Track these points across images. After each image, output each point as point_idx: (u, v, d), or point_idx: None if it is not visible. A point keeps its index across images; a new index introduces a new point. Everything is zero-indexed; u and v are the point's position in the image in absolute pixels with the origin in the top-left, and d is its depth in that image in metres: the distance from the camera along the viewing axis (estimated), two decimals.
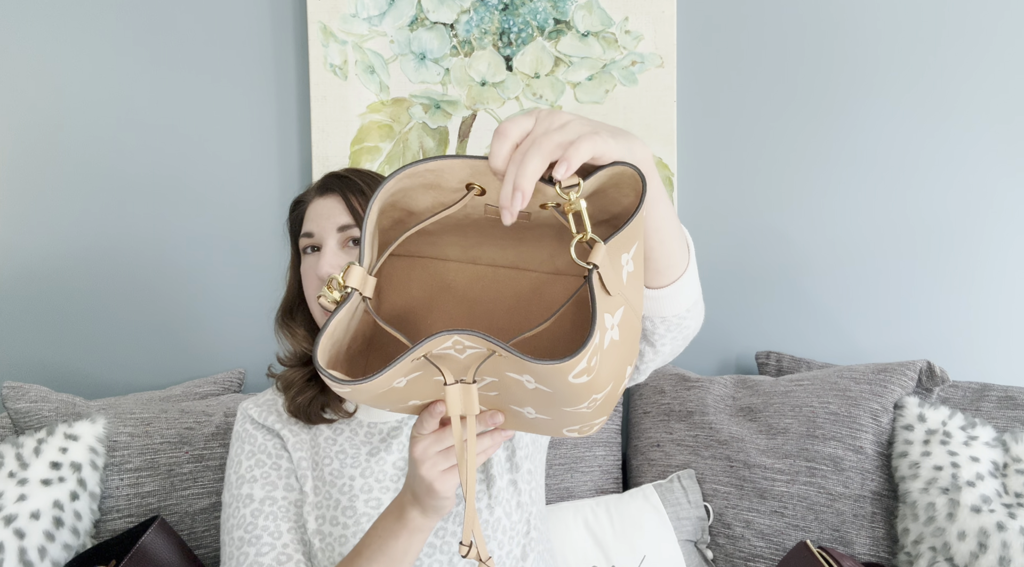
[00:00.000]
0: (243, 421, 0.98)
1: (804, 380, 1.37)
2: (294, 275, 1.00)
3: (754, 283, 1.56)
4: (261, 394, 1.01)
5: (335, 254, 0.90)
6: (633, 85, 1.50)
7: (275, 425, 0.96)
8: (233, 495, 0.92)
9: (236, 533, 0.89)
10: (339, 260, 0.90)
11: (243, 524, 0.89)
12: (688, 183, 1.54)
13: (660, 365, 0.83)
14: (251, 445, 0.95)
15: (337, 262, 0.90)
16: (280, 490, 0.92)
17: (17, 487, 1.03)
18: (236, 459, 0.95)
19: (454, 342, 0.54)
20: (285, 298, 1.01)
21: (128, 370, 1.51)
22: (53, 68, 1.48)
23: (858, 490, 1.25)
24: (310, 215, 0.95)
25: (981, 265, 1.54)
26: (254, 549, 0.87)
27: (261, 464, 0.94)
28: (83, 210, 1.50)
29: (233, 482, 0.93)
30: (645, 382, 1.47)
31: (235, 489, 0.92)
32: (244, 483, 0.92)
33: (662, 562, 1.24)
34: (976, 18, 1.52)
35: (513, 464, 0.96)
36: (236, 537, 0.89)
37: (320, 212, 0.93)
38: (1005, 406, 1.35)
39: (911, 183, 1.54)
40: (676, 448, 1.37)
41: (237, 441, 0.97)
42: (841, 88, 1.53)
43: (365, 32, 1.49)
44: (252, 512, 0.90)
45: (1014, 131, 1.52)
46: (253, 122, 1.51)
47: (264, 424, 0.97)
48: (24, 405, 1.15)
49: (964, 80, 1.53)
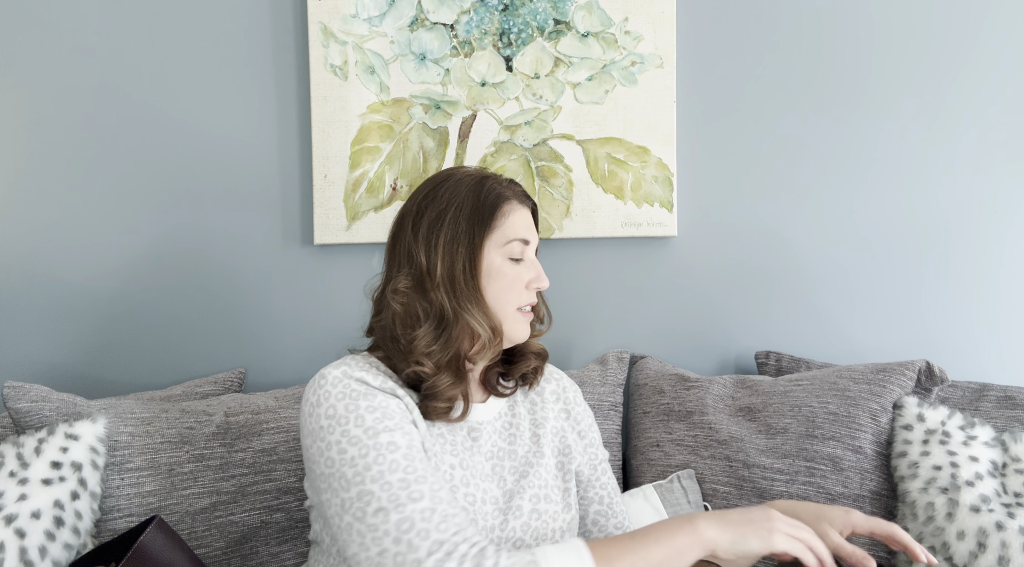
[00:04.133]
0: (347, 381, 0.90)
1: (803, 380, 1.37)
2: (471, 264, 0.95)
3: (754, 283, 1.56)
4: (344, 361, 0.94)
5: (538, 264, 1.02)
6: (633, 85, 1.50)
7: (397, 391, 0.93)
8: (367, 446, 0.84)
9: (393, 476, 0.83)
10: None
11: (399, 467, 0.84)
12: (688, 183, 1.55)
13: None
14: (370, 401, 0.89)
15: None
16: (418, 444, 0.89)
17: (18, 487, 1.04)
18: (355, 414, 0.87)
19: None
20: (471, 288, 0.95)
21: (128, 370, 1.51)
22: (52, 68, 1.49)
23: (857, 490, 1.25)
24: (521, 223, 0.99)
25: (980, 265, 1.54)
26: (426, 486, 0.83)
27: (391, 417, 0.88)
28: (82, 211, 1.50)
29: (360, 436, 0.85)
30: (645, 382, 1.48)
31: (368, 440, 0.85)
32: (380, 433, 0.86)
33: None
34: (976, 18, 1.52)
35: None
36: (396, 480, 0.82)
37: (529, 223, 1.01)
38: (1004, 406, 1.35)
39: (910, 183, 1.54)
40: (676, 448, 1.38)
41: (348, 398, 0.88)
42: (840, 88, 1.54)
43: (365, 32, 1.49)
44: (404, 456, 0.85)
45: (1013, 131, 1.53)
46: (253, 122, 1.51)
47: (383, 389, 0.92)
48: (25, 405, 1.16)
49: (963, 80, 1.53)
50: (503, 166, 1.51)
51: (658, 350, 1.57)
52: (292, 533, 1.24)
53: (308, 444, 0.89)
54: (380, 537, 0.79)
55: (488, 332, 0.95)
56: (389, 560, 0.78)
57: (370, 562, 0.79)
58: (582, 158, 1.51)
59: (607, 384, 1.45)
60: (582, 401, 1.14)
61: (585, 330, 1.55)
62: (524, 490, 0.98)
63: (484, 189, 0.97)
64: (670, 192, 1.51)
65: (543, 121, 1.51)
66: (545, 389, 1.10)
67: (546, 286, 1.01)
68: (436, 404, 0.94)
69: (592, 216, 1.51)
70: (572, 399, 1.12)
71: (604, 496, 1.09)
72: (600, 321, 1.56)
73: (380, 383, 0.91)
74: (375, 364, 0.96)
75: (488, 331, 0.95)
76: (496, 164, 1.51)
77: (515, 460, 1.01)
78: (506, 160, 1.51)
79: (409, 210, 0.99)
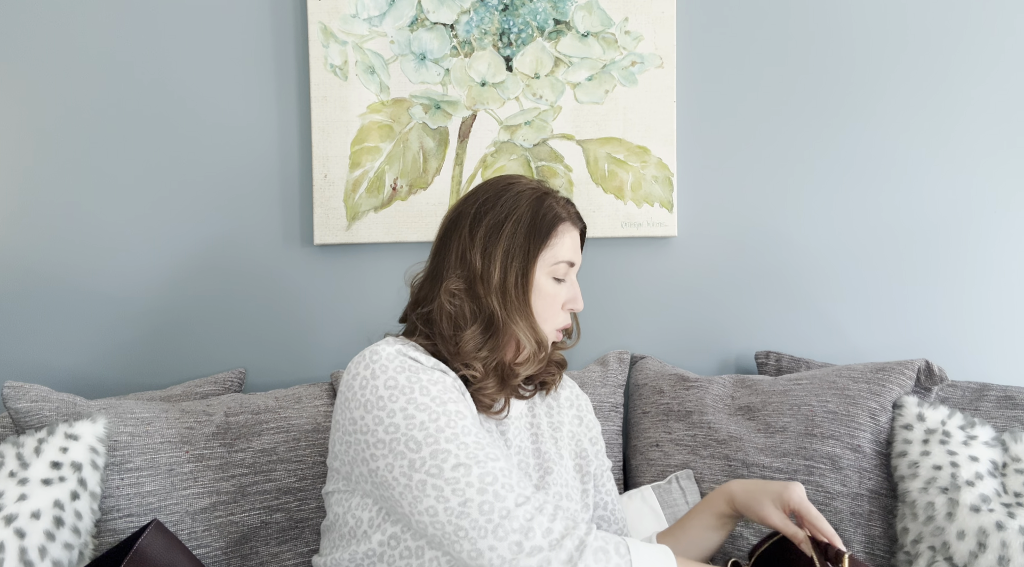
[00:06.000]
0: (402, 358, 0.90)
1: (803, 379, 1.37)
2: (523, 278, 0.97)
3: (753, 283, 1.56)
4: (390, 342, 0.94)
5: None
6: (633, 85, 1.50)
7: (449, 373, 0.94)
8: (437, 412, 0.85)
9: (468, 438, 0.84)
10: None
11: (470, 432, 0.85)
12: (688, 183, 1.55)
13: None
14: (430, 375, 0.90)
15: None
16: (476, 418, 0.91)
17: (18, 487, 1.04)
18: (419, 385, 0.88)
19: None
20: (521, 302, 0.97)
21: (128, 370, 1.51)
22: (51, 70, 1.49)
23: (856, 489, 1.25)
24: (571, 244, 1.01)
25: (980, 265, 1.54)
26: (498, 449, 0.84)
27: (450, 391, 0.90)
28: (81, 210, 1.50)
29: (428, 403, 0.86)
30: (644, 382, 1.48)
31: (437, 407, 0.86)
32: (447, 402, 0.87)
33: None
34: (977, 19, 1.52)
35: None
36: (471, 441, 0.84)
37: (577, 245, 1.03)
38: (1004, 405, 1.35)
39: (910, 183, 1.54)
40: (675, 448, 1.38)
41: (408, 371, 0.89)
42: (840, 88, 1.54)
43: (365, 32, 1.49)
44: (472, 424, 0.87)
45: (1013, 131, 1.53)
46: (253, 122, 1.51)
47: (437, 368, 0.93)
48: (25, 405, 1.16)
49: (963, 80, 1.53)
50: (503, 166, 1.51)
51: (658, 350, 1.57)
52: (292, 533, 1.24)
53: (359, 416, 0.88)
54: (463, 488, 0.80)
55: (534, 345, 0.98)
56: (474, 508, 0.79)
57: (450, 512, 0.80)
58: (582, 158, 1.51)
59: (608, 385, 1.45)
60: (592, 411, 1.19)
61: (585, 330, 1.55)
62: (548, 487, 1.00)
63: (544, 206, 1.00)
64: (670, 192, 1.51)
65: (543, 121, 1.51)
66: (560, 395, 1.14)
67: (581, 308, 1.04)
68: (482, 399, 0.97)
69: (592, 216, 1.51)
70: (584, 407, 1.17)
71: (608, 502, 1.13)
72: (600, 321, 1.56)
73: (432, 365, 0.93)
74: (420, 348, 0.97)
75: (534, 344, 0.98)
76: (496, 164, 1.51)
77: (539, 458, 1.04)
78: (506, 160, 1.51)
79: (467, 212, 1.00)
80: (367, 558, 0.90)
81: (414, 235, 1.51)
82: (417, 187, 1.51)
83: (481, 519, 0.78)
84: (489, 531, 0.78)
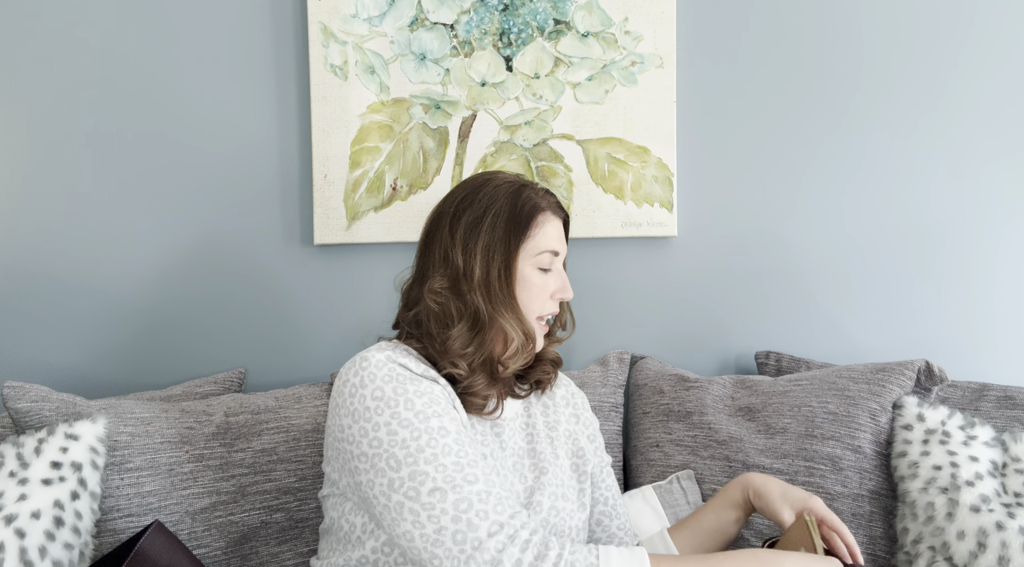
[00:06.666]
0: (392, 365, 0.90)
1: (803, 380, 1.37)
2: (506, 271, 0.98)
3: (753, 283, 1.56)
4: (382, 347, 0.95)
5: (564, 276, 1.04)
6: (633, 85, 1.50)
7: (439, 380, 0.94)
8: (419, 429, 0.85)
9: (447, 459, 0.84)
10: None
11: (451, 451, 0.85)
12: (688, 183, 1.55)
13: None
14: (417, 386, 0.89)
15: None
16: (464, 430, 0.90)
17: (18, 487, 1.04)
18: (404, 397, 0.87)
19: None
20: (505, 295, 0.97)
21: (128, 370, 1.51)
22: (52, 70, 1.49)
23: (856, 489, 1.25)
24: (553, 234, 1.01)
25: (980, 265, 1.54)
26: (479, 469, 0.84)
27: (438, 402, 0.89)
28: (82, 210, 1.50)
29: (411, 418, 0.86)
30: (644, 383, 1.48)
31: (420, 423, 0.85)
32: (430, 417, 0.87)
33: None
34: (977, 19, 1.52)
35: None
36: (450, 462, 0.83)
37: (560, 234, 1.03)
38: (1004, 406, 1.35)
39: (910, 183, 1.54)
40: (675, 448, 1.38)
41: (395, 381, 0.89)
42: (841, 88, 1.54)
43: (365, 32, 1.49)
44: (455, 441, 0.86)
45: (1012, 130, 1.53)
46: (253, 122, 1.51)
47: (425, 376, 0.93)
48: (25, 405, 1.16)
49: (963, 80, 1.53)
50: (503, 166, 1.51)
51: (658, 350, 1.57)
52: (292, 533, 1.24)
53: (347, 424, 0.89)
54: (437, 515, 0.81)
55: (521, 337, 0.98)
56: (448, 537, 0.80)
57: (426, 539, 0.81)
58: (582, 158, 1.51)
59: (608, 385, 1.45)
60: (589, 408, 1.19)
61: (585, 330, 1.55)
62: (544, 487, 1.00)
63: (521, 198, 1.00)
64: (670, 192, 1.51)
65: (543, 121, 1.51)
66: (556, 394, 1.14)
67: (570, 297, 1.04)
68: (473, 400, 0.97)
69: (592, 216, 1.51)
70: (580, 404, 1.17)
71: (609, 497, 1.13)
72: (600, 321, 1.56)
73: (422, 371, 0.93)
74: (412, 353, 0.97)
75: (521, 336, 0.98)
76: (496, 164, 1.51)
77: (534, 458, 1.04)
78: (506, 160, 1.51)
79: (446, 211, 1.01)
80: (361, 564, 0.90)
81: (414, 235, 1.51)
82: (417, 187, 1.51)
83: (455, 549, 0.79)
84: (461, 561, 0.79)
